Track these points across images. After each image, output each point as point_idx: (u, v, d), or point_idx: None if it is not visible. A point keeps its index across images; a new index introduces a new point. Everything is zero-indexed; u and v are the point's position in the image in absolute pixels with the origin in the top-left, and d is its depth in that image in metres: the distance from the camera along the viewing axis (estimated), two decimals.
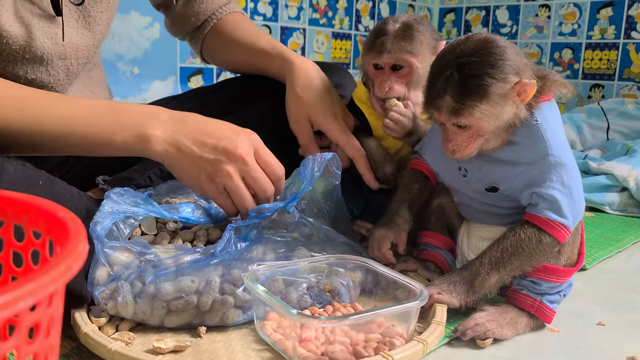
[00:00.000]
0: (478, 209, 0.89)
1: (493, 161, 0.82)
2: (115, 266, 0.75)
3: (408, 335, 0.72)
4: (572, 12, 2.52)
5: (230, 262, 0.79)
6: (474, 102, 0.74)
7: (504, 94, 0.75)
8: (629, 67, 2.39)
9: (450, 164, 0.87)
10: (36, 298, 0.31)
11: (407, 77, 1.01)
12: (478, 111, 0.75)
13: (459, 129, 0.78)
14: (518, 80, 0.75)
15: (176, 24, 1.22)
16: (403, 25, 0.99)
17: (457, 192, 0.91)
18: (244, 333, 0.76)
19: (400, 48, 0.98)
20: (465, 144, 0.79)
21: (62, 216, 0.43)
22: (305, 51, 2.50)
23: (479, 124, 0.76)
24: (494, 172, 0.82)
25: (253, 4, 2.29)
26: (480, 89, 0.74)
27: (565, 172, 0.79)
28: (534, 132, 0.79)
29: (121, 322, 0.75)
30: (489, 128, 0.77)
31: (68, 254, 0.36)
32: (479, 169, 0.84)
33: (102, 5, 0.99)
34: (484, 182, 0.84)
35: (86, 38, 0.97)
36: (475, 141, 0.79)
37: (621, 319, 0.88)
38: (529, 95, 0.76)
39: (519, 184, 0.81)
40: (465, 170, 0.85)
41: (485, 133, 0.78)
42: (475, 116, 0.75)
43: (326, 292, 0.82)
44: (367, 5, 2.69)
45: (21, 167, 0.73)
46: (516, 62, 0.76)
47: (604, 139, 2.09)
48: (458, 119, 0.76)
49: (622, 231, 1.39)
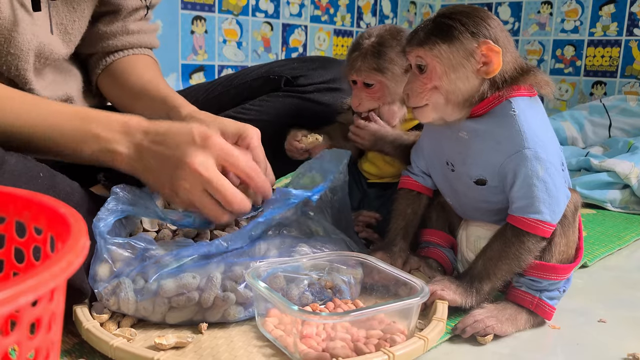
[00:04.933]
0: (472, 207, 0.88)
1: (472, 151, 0.82)
2: (118, 262, 0.75)
3: (409, 332, 0.72)
4: (574, 9, 2.52)
5: (232, 259, 0.79)
6: (437, 39, 0.77)
7: (469, 50, 0.76)
8: (631, 64, 2.39)
9: (439, 159, 0.87)
10: (37, 293, 0.32)
11: (378, 93, 1.02)
12: (437, 49, 0.77)
13: (420, 72, 0.80)
14: (485, 40, 0.76)
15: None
16: (376, 42, 1.00)
17: (450, 192, 0.90)
18: (245, 329, 0.76)
19: (368, 67, 0.99)
20: (420, 90, 0.80)
21: (64, 212, 0.43)
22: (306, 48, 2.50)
23: (434, 64, 0.78)
24: (476, 163, 0.82)
25: (255, 1, 2.29)
26: (448, 30, 0.77)
27: (540, 165, 0.77)
28: (510, 123, 0.78)
29: (123, 319, 0.75)
30: (442, 78, 0.78)
31: (69, 249, 0.36)
32: (462, 162, 0.84)
33: (76, 14, 0.98)
34: (470, 174, 0.83)
35: (59, 45, 0.97)
36: (430, 93, 0.79)
37: (622, 315, 0.88)
38: (494, 68, 0.76)
39: (501, 177, 0.81)
40: (452, 165, 0.85)
41: (439, 84, 0.78)
42: (433, 52, 0.77)
43: (327, 289, 0.82)
44: (368, 2, 2.69)
45: (22, 160, 0.73)
46: (495, 32, 0.77)
47: (606, 136, 2.09)
48: (417, 51, 0.79)
49: (624, 228, 1.38)
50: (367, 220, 1.10)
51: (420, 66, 0.80)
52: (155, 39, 1.17)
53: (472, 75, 0.78)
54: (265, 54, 2.37)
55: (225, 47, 2.25)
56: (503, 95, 0.79)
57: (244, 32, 2.29)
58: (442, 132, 0.86)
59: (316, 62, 1.21)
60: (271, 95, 1.15)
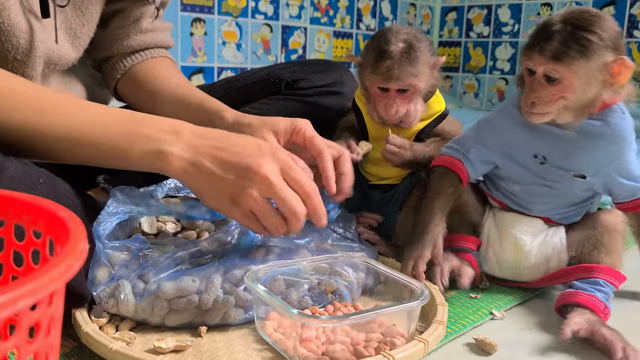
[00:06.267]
0: (547, 197, 0.91)
1: (580, 149, 0.85)
2: (116, 265, 0.75)
3: (409, 335, 0.72)
4: None
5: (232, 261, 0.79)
6: (576, 54, 0.77)
7: (604, 64, 0.78)
8: None
9: (523, 151, 0.89)
10: (36, 297, 0.31)
11: (410, 97, 1.02)
12: (576, 65, 0.77)
13: (548, 82, 0.80)
14: (620, 56, 0.77)
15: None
16: (406, 47, 0.98)
17: (527, 181, 0.92)
18: (245, 333, 0.76)
19: (407, 73, 0.98)
20: (547, 100, 0.80)
21: (63, 216, 0.43)
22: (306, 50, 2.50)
23: (570, 80, 0.78)
24: (582, 160, 0.86)
25: (254, 3, 2.29)
26: (588, 45, 0.77)
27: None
28: (620, 124, 0.83)
29: (121, 322, 0.75)
30: (575, 91, 0.79)
31: (68, 253, 0.36)
32: (563, 157, 0.87)
33: (84, 18, 0.98)
34: (571, 169, 0.87)
35: (68, 50, 0.97)
36: (557, 102, 0.80)
37: (622, 317, 0.88)
38: (622, 80, 0.78)
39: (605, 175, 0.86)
40: (543, 158, 0.88)
41: (570, 96, 0.80)
42: (572, 69, 0.78)
43: (328, 293, 0.82)
44: (368, 4, 2.69)
45: (22, 166, 0.72)
46: (623, 45, 0.79)
47: None
48: (556, 65, 0.78)
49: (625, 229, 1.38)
50: (368, 222, 1.10)
51: (551, 77, 0.80)
52: (169, 38, 1.16)
53: (600, 85, 0.79)
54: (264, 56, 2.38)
55: (225, 49, 2.25)
56: (614, 99, 0.82)
57: (243, 34, 2.29)
58: (538, 128, 0.87)
59: (317, 65, 1.21)
60: (271, 99, 1.15)
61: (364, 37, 2.69)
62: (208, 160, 0.73)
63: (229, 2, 2.22)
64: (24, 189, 0.70)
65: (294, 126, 0.86)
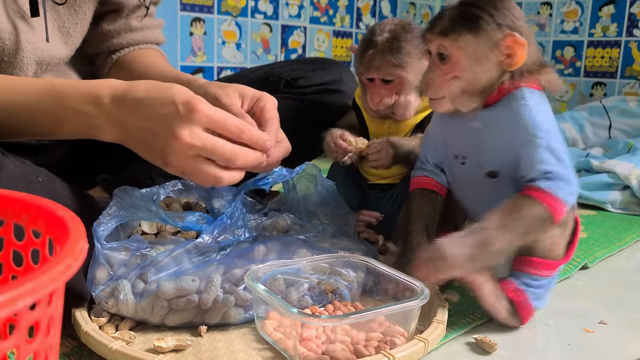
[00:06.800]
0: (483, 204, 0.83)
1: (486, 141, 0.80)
2: (115, 265, 0.75)
3: (409, 334, 0.72)
4: (574, 10, 2.52)
5: (232, 261, 0.79)
6: (463, 29, 0.75)
7: (494, 41, 0.75)
8: (631, 65, 2.38)
9: (449, 154, 0.86)
10: (36, 297, 0.31)
11: (397, 87, 1.02)
12: (463, 40, 0.75)
13: (441, 61, 0.78)
14: (510, 32, 0.74)
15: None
16: (390, 37, 0.99)
17: (460, 187, 0.88)
18: (245, 332, 0.76)
19: (388, 63, 0.99)
20: (439, 80, 0.78)
21: (62, 215, 0.43)
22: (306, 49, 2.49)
23: (457, 55, 0.76)
24: (491, 153, 0.80)
25: (254, 2, 2.29)
26: (475, 20, 0.75)
27: (553, 156, 0.76)
28: (522, 113, 0.77)
29: (121, 322, 0.75)
30: (464, 69, 0.77)
31: (67, 253, 0.35)
32: (476, 153, 0.82)
33: (78, 17, 0.98)
34: (485, 166, 0.82)
35: (60, 48, 0.97)
36: (450, 83, 0.78)
37: (623, 317, 0.88)
38: (517, 61, 0.75)
39: (513, 167, 0.78)
40: (462, 158, 0.84)
41: (460, 74, 0.77)
42: (458, 43, 0.76)
43: (328, 292, 0.82)
44: (368, 3, 2.69)
45: (21, 165, 0.72)
46: (520, 24, 0.76)
47: (606, 137, 2.09)
48: (443, 40, 0.77)
49: (624, 229, 1.38)
50: (367, 220, 1.09)
51: (442, 55, 0.78)
52: (160, 34, 1.17)
53: (495, 67, 0.77)
54: (264, 56, 2.37)
55: (224, 48, 2.25)
56: (515, 84, 0.77)
57: (243, 33, 2.29)
58: (451, 124, 0.84)
59: (316, 63, 1.21)
60: None
61: None
62: (131, 127, 0.74)
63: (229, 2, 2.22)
64: (22, 188, 0.70)
65: (259, 96, 0.85)
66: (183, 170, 0.74)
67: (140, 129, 0.74)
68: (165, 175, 1.06)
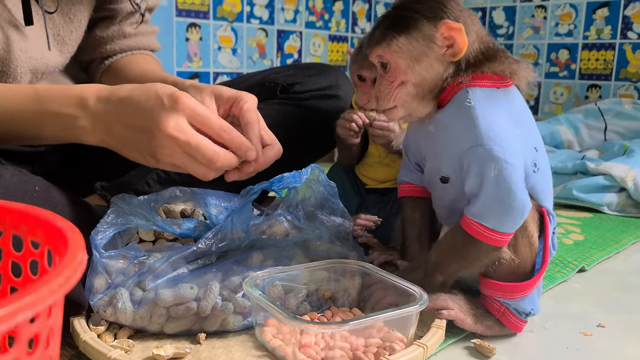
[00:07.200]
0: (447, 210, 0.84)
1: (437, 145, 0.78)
2: (113, 274, 0.75)
3: (408, 340, 0.72)
4: (568, 13, 2.52)
5: (230, 267, 0.79)
6: (394, 33, 0.74)
7: (428, 36, 0.73)
8: (626, 67, 2.39)
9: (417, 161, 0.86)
10: (36, 310, 0.31)
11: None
12: (396, 43, 0.74)
13: (384, 71, 0.77)
14: (443, 20, 0.72)
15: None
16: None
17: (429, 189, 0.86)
18: (244, 339, 0.76)
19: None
20: (387, 90, 0.76)
21: (61, 226, 0.42)
22: (302, 54, 2.50)
23: (394, 60, 0.75)
24: (441, 157, 0.78)
25: (249, 8, 2.29)
26: (403, 21, 0.74)
27: (494, 165, 0.71)
28: (465, 115, 0.73)
29: (120, 330, 0.74)
30: (406, 72, 0.75)
31: (67, 264, 0.35)
32: (432, 158, 0.80)
33: (73, 25, 0.98)
34: (439, 170, 0.79)
35: (55, 56, 0.96)
36: (398, 89, 0.76)
37: (621, 320, 0.88)
38: (460, 48, 0.72)
39: (459, 173, 0.76)
40: (423, 160, 0.83)
41: (402, 78, 0.75)
42: (392, 48, 0.74)
43: (326, 298, 0.82)
44: (363, 7, 2.69)
45: (17, 174, 0.72)
46: (454, 12, 0.74)
47: (602, 139, 2.09)
48: (376, 50, 0.76)
49: (621, 231, 1.39)
50: (365, 224, 1.09)
51: (383, 64, 0.77)
52: (154, 41, 1.17)
53: (437, 62, 0.74)
54: (260, 61, 2.37)
55: (220, 54, 2.25)
56: (462, 83, 0.74)
57: (238, 38, 2.29)
58: (416, 129, 0.83)
59: (312, 69, 1.20)
60: (267, 103, 1.15)
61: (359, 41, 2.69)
62: (117, 126, 0.74)
63: (224, 7, 2.22)
64: (19, 197, 0.70)
65: (236, 96, 0.84)
66: (174, 163, 0.75)
67: (126, 127, 0.74)
68: (162, 182, 1.06)
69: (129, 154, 0.77)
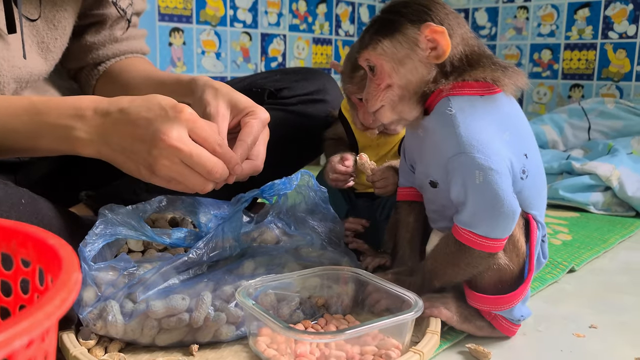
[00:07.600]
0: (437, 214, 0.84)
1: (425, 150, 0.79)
2: (103, 286, 0.74)
3: (404, 347, 0.71)
4: (550, 13, 2.55)
5: (221, 277, 0.78)
6: (379, 37, 0.75)
7: (412, 39, 0.74)
8: (607, 67, 2.42)
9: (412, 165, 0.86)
10: (32, 335, 0.30)
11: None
12: (381, 47, 0.75)
13: (372, 75, 0.78)
14: (426, 23, 0.73)
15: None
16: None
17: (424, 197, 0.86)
18: (237, 349, 0.75)
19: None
20: (375, 93, 0.78)
21: (53, 243, 0.41)
22: (286, 57, 2.49)
23: (380, 63, 0.76)
24: (428, 162, 0.79)
25: (232, 11, 2.28)
26: (388, 25, 0.75)
27: (479, 173, 0.70)
28: (447, 123, 0.73)
29: (110, 343, 0.73)
30: (391, 75, 0.76)
31: (62, 286, 0.34)
32: (419, 161, 0.82)
33: (57, 32, 0.96)
34: (428, 174, 0.80)
35: (39, 64, 0.95)
36: (385, 92, 0.77)
37: (613, 320, 0.89)
38: (443, 50, 0.73)
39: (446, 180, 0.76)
40: (413, 164, 0.84)
41: (391, 80, 0.76)
42: (377, 51, 0.76)
43: (319, 305, 0.81)
44: (347, 10, 2.69)
45: (3, 187, 0.71)
46: (439, 15, 0.75)
47: (586, 138, 2.11)
48: (363, 54, 0.77)
49: (608, 230, 1.40)
50: (354, 228, 1.09)
51: (371, 67, 0.78)
52: (144, 45, 1.16)
53: (421, 65, 0.75)
54: (244, 64, 2.36)
55: (204, 58, 2.24)
56: (444, 91, 0.75)
57: (222, 42, 2.28)
58: (408, 133, 0.85)
59: (299, 74, 1.20)
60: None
61: (343, 43, 2.69)
62: (116, 136, 0.73)
63: (207, 11, 2.21)
64: (5, 210, 0.69)
65: (251, 110, 0.85)
66: (170, 176, 0.74)
67: (125, 137, 0.73)
68: (149, 191, 1.04)
69: (124, 166, 0.76)
